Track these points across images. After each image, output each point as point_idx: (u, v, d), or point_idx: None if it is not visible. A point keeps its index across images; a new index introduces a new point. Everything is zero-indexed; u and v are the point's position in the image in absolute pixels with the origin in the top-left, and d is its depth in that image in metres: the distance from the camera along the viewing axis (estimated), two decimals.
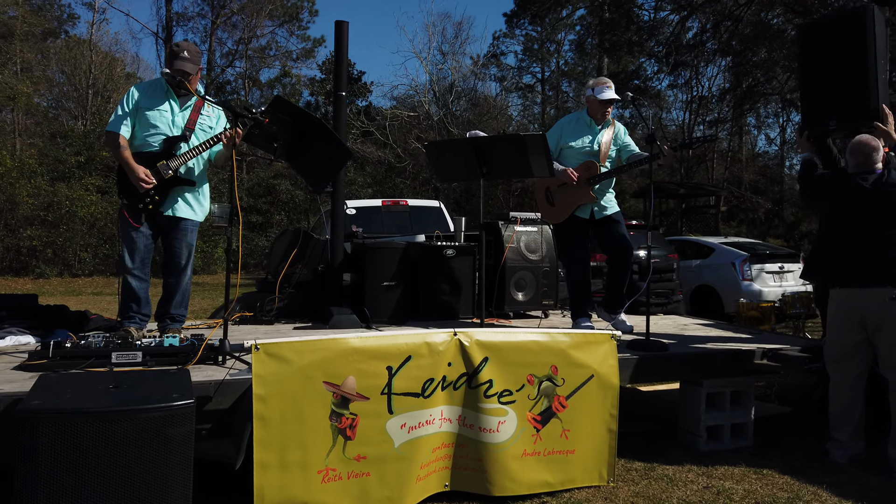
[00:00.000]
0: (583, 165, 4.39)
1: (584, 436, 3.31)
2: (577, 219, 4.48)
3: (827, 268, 3.78)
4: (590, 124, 4.52)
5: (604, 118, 4.49)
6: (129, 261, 3.87)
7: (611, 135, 4.52)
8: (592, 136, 4.50)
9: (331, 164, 3.40)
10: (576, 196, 4.39)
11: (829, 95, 3.83)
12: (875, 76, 3.67)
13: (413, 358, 3.01)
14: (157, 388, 2.45)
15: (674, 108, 34.54)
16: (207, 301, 13.75)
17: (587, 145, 4.46)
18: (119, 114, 3.85)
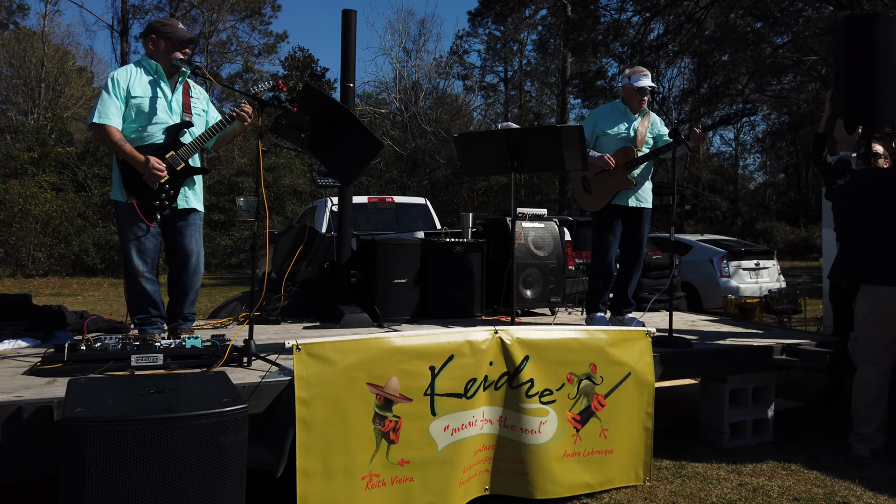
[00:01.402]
0: (620, 151, 4.33)
1: (622, 435, 3.25)
2: (615, 206, 4.42)
3: (866, 264, 3.77)
4: (625, 112, 4.47)
5: (640, 106, 4.44)
6: (140, 264, 3.59)
7: (647, 123, 4.47)
8: (629, 124, 4.44)
9: (359, 157, 3.26)
10: (614, 182, 4.33)
11: (883, 96, 3.79)
12: None
13: (455, 357, 2.90)
14: (203, 393, 2.29)
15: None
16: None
17: (623, 132, 4.41)
18: (106, 103, 3.46)
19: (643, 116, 4.52)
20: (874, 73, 3.77)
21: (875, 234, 3.74)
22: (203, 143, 3.61)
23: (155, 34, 3.61)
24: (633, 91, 4.43)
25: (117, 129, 3.49)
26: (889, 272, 3.63)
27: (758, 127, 37.32)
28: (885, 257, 3.66)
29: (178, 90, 3.66)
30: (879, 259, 3.69)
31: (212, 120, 3.82)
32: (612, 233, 4.48)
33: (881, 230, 3.71)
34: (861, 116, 3.81)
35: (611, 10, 25.88)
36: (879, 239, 3.71)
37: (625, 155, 4.40)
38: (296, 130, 3.16)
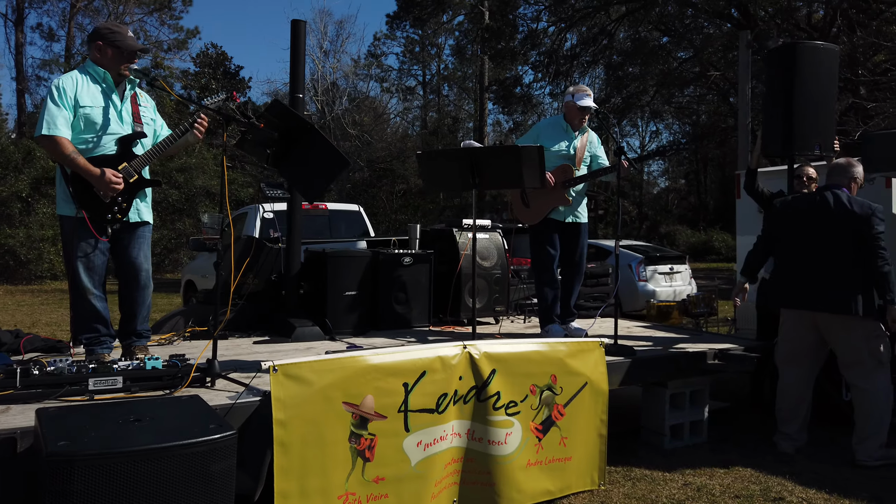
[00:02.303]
0: (559, 169, 4.49)
1: (580, 442, 3.40)
2: (552, 221, 4.55)
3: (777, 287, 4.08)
4: (566, 129, 4.62)
5: (580, 125, 4.61)
6: (88, 281, 3.43)
7: (585, 141, 4.65)
8: (569, 141, 4.59)
9: (325, 174, 3.25)
10: (552, 199, 4.46)
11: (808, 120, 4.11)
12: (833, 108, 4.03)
13: (427, 373, 2.96)
14: (186, 420, 2.25)
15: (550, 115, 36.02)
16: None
17: (564, 149, 4.55)
18: (54, 113, 3.28)
19: (582, 134, 4.71)
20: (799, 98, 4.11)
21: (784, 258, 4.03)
22: (157, 155, 3.49)
23: (102, 41, 3.45)
24: (575, 109, 4.61)
25: (68, 139, 3.33)
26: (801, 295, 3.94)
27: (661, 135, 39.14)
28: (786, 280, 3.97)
29: (126, 99, 3.53)
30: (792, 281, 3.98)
31: (160, 129, 3.70)
32: (551, 245, 4.62)
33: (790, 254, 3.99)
34: (787, 139, 4.15)
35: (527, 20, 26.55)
36: (786, 263, 4.01)
37: (563, 173, 4.57)
38: (261, 146, 3.12)
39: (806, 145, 4.17)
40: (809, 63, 4.11)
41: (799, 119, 4.11)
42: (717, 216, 39.55)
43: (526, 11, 26.74)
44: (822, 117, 4.16)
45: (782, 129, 4.19)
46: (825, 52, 4.17)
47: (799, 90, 4.09)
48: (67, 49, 29.99)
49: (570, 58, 25.23)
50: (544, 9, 25.18)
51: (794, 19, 21.77)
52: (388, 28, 40.37)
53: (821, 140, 4.17)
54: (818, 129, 4.16)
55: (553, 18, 25.50)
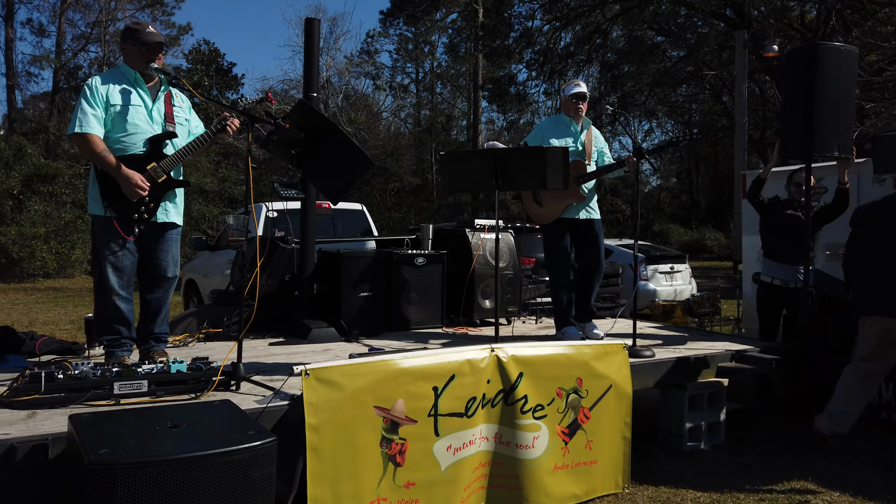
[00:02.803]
0: (572, 164, 4.44)
1: (605, 445, 3.38)
2: (565, 220, 4.51)
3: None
4: (569, 124, 4.58)
5: (578, 115, 4.55)
6: (115, 281, 3.37)
7: (591, 136, 4.62)
8: (574, 137, 4.56)
9: (348, 174, 3.21)
10: (566, 196, 4.41)
11: (828, 121, 4.08)
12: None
13: (457, 377, 2.93)
14: (224, 427, 2.21)
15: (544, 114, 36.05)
16: (82, 308, 12.52)
17: (571, 145, 4.50)
18: (87, 111, 3.31)
19: (587, 128, 4.68)
20: (819, 99, 4.08)
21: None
22: (187, 156, 3.44)
23: (126, 40, 3.44)
24: (568, 101, 4.58)
25: (100, 138, 3.32)
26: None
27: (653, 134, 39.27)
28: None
29: (159, 98, 3.49)
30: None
31: (194, 129, 3.65)
32: (566, 245, 4.58)
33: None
34: (807, 141, 4.13)
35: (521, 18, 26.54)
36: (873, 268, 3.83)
37: (577, 169, 4.53)
38: (285, 147, 3.07)
39: (825, 147, 4.16)
40: (830, 64, 4.10)
41: (819, 120, 4.10)
42: (709, 215, 39.70)
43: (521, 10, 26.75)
44: (841, 119, 4.15)
45: (801, 131, 4.17)
46: (845, 54, 4.16)
47: (819, 91, 4.08)
48: (58, 45, 29.69)
49: (565, 56, 25.25)
50: (539, 7, 25.19)
51: (788, 19, 21.88)
52: (382, 26, 40.19)
53: (840, 142, 4.16)
54: (838, 131, 4.15)
55: (548, 17, 25.51)
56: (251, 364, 3.62)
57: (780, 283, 4.88)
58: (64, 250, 21.33)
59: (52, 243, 20.90)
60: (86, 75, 30.82)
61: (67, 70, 29.63)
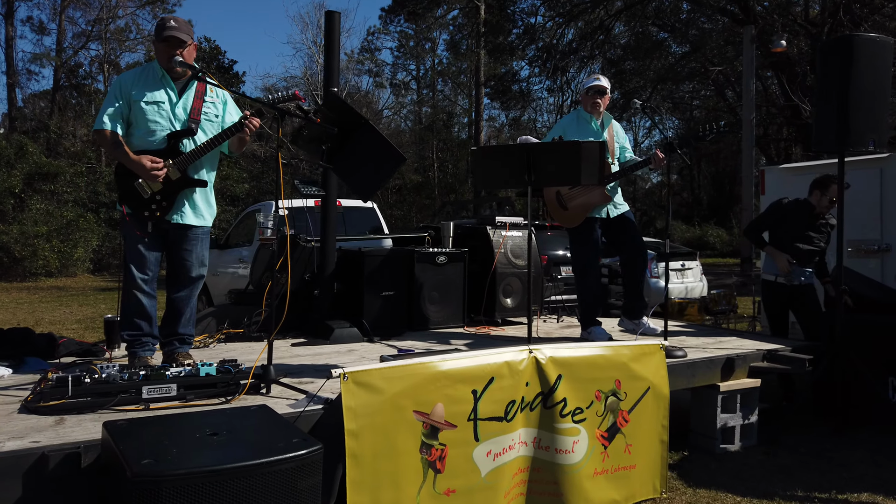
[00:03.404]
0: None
1: (643, 449, 3.29)
2: (592, 220, 4.40)
3: None
4: (589, 120, 4.46)
5: (596, 110, 4.43)
6: (137, 273, 3.29)
7: (612, 132, 4.51)
8: (596, 133, 4.44)
9: (380, 170, 3.11)
10: (591, 197, 4.31)
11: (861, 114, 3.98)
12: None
13: (496, 379, 2.83)
14: (266, 434, 2.11)
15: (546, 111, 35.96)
16: (87, 308, 12.42)
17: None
18: (108, 108, 3.29)
19: (608, 124, 4.57)
20: (854, 92, 3.98)
21: None
22: (203, 153, 3.34)
23: (154, 36, 3.39)
24: (585, 96, 4.47)
25: (114, 132, 3.27)
26: None
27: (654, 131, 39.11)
28: None
29: (187, 94, 3.39)
30: None
31: (228, 125, 3.54)
32: (594, 245, 4.47)
33: None
34: (842, 135, 4.03)
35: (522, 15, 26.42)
36: None
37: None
38: (315, 142, 2.97)
39: (860, 141, 4.06)
40: (865, 56, 4.00)
41: (854, 114, 4.00)
42: (711, 211, 39.60)
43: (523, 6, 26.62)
44: (876, 112, 4.05)
45: (836, 125, 4.07)
46: (881, 45, 4.06)
47: (854, 84, 3.98)
48: (58, 43, 29.54)
49: (568, 52, 25.13)
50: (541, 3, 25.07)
51: (792, 14, 21.78)
52: (382, 23, 40.09)
53: (875, 136, 4.06)
54: (873, 125, 4.05)
55: (550, 13, 25.40)
56: (276, 365, 3.51)
57: (783, 281, 4.78)
58: (66, 249, 21.22)
59: (54, 242, 20.80)
60: (86, 73, 30.70)
61: (68, 68, 29.49)
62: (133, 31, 30.76)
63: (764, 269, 4.98)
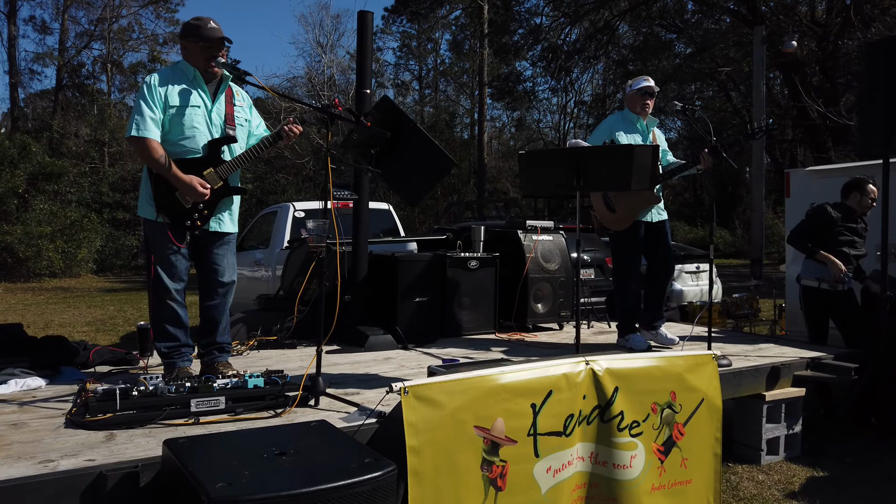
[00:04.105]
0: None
1: (698, 463, 3.19)
2: (639, 224, 4.31)
3: None
4: (636, 121, 4.37)
5: (644, 111, 4.36)
6: (170, 283, 3.15)
7: (655, 134, 4.43)
8: (643, 135, 4.35)
9: (429, 175, 3.01)
10: (642, 199, 4.21)
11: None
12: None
13: (554, 392, 2.73)
14: (336, 454, 2.01)
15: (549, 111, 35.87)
16: (95, 309, 12.30)
17: (640, 143, 4.31)
18: (144, 113, 3.07)
19: (652, 127, 4.48)
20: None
21: None
22: (246, 161, 3.23)
23: (185, 37, 3.20)
24: (634, 97, 4.38)
25: (158, 142, 3.09)
26: None
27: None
28: None
29: (219, 99, 3.26)
30: None
31: (255, 129, 3.44)
32: (638, 251, 4.39)
33: None
34: (889, 138, 3.94)
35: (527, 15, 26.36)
36: None
37: None
38: (364, 146, 2.87)
39: None
40: None
41: None
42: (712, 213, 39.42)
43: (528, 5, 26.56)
44: None
45: (883, 128, 3.98)
46: None
47: None
48: (61, 42, 29.42)
49: (573, 52, 25.06)
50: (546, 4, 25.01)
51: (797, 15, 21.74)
52: (385, 23, 39.96)
53: None
54: None
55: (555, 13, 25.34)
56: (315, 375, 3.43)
57: (827, 287, 4.68)
58: (70, 249, 21.11)
59: (58, 242, 20.68)
60: (89, 73, 30.57)
61: (71, 68, 29.36)
62: (136, 31, 30.65)
63: (804, 274, 4.88)
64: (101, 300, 14.25)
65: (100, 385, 2.79)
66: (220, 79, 3.29)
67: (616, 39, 25.54)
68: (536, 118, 35.25)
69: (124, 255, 24.76)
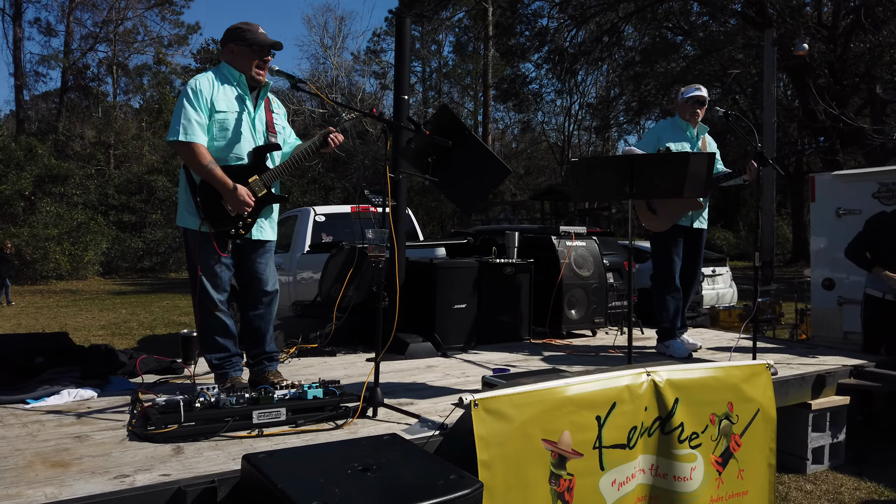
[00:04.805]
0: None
1: (754, 474, 3.15)
2: (679, 227, 4.30)
3: None
4: (685, 128, 4.36)
5: (695, 119, 4.34)
6: (216, 295, 3.09)
7: (705, 142, 4.40)
8: (691, 142, 4.34)
9: (483, 183, 2.98)
10: (684, 204, 4.19)
11: None
12: None
13: (618, 404, 2.70)
14: (419, 470, 1.98)
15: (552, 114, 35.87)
16: (108, 313, 12.27)
17: (688, 150, 4.29)
18: (191, 117, 2.98)
19: (702, 135, 4.45)
20: None
21: None
22: (290, 169, 3.19)
23: (233, 41, 3.14)
24: (685, 105, 4.36)
25: (205, 147, 3.02)
26: None
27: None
28: None
29: (260, 105, 3.22)
30: None
31: (289, 137, 3.40)
32: (676, 254, 4.37)
33: None
34: None
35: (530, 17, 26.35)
36: None
37: None
38: (421, 155, 2.83)
39: None
40: None
41: None
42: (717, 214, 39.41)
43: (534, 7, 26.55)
44: None
45: None
46: None
47: None
48: (66, 44, 29.44)
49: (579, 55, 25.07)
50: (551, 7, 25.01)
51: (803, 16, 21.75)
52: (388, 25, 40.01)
53: None
54: None
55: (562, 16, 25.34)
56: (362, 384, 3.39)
57: (892, 298, 4.62)
58: (77, 252, 21.08)
59: (64, 245, 20.66)
60: (94, 75, 30.56)
61: (76, 70, 29.35)
62: (141, 33, 30.66)
63: (870, 284, 4.80)
64: (112, 303, 14.21)
65: (156, 396, 2.76)
66: (262, 86, 3.25)
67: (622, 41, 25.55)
68: (541, 119, 35.23)
69: (130, 258, 24.75)
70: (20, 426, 2.57)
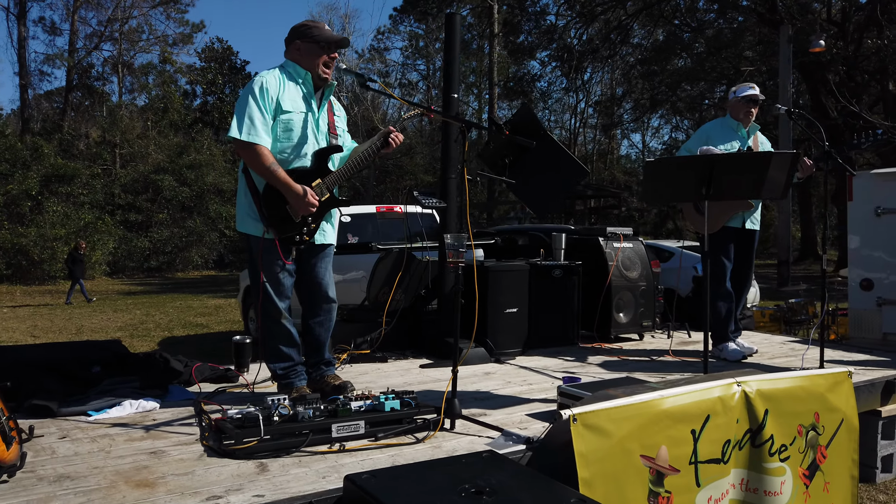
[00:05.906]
0: None
1: (839, 487, 3.04)
2: (730, 229, 4.20)
3: None
4: (736, 128, 4.25)
5: (747, 118, 4.24)
6: (281, 303, 2.97)
7: (757, 142, 4.28)
8: (742, 141, 4.23)
9: (560, 186, 2.85)
10: (734, 204, 4.08)
11: None
12: None
13: (711, 417, 2.58)
14: (533, 493, 1.85)
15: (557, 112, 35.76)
16: (122, 314, 12.13)
17: (736, 149, 4.17)
18: (255, 117, 2.84)
19: (753, 134, 4.34)
20: None
21: None
22: (351, 172, 3.05)
23: (299, 39, 3.01)
24: (738, 104, 4.26)
25: (269, 149, 2.88)
26: None
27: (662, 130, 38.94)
28: None
29: (323, 106, 3.09)
30: None
31: (348, 142, 3.27)
32: (727, 255, 4.27)
33: None
34: None
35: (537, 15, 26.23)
36: None
37: None
38: (497, 156, 2.71)
39: None
40: None
41: None
42: None
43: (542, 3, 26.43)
44: None
45: None
46: None
47: None
48: (71, 43, 29.27)
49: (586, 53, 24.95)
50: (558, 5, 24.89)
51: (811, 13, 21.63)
52: (392, 23, 39.90)
53: None
54: None
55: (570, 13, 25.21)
56: (425, 392, 3.27)
57: None
58: (85, 252, 20.93)
59: (72, 245, 20.51)
60: (98, 74, 30.39)
61: (81, 69, 29.18)
62: (146, 32, 30.48)
63: None
64: (125, 304, 14.08)
65: (219, 406, 2.64)
66: (324, 86, 3.11)
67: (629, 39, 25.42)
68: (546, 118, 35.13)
69: (137, 258, 24.62)
70: (89, 441, 2.45)
